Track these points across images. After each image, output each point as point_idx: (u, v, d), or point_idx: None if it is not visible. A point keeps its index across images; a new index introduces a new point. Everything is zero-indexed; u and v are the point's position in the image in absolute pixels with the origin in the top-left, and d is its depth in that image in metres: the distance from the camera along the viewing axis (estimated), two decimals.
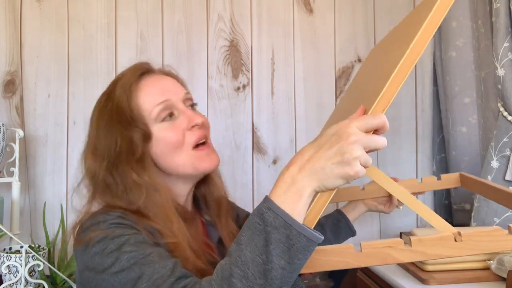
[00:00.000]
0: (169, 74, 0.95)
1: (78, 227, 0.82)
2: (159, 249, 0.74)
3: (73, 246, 0.80)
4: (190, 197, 0.95)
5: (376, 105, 0.60)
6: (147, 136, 0.85)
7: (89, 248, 0.75)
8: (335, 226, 1.20)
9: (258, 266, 0.59)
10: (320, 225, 1.19)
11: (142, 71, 0.91)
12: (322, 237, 0.62)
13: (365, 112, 0.63)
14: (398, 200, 1.16)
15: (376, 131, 0.61)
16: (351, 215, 1.21)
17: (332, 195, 0.62)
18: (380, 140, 0.60)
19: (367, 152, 0.60)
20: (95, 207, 0.86)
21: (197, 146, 0.88)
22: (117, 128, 0.84)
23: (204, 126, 0.90)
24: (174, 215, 0.83)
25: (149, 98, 0.87)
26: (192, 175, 0.89)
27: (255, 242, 0.60)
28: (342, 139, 0.59)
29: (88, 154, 0.87)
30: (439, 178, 1.12)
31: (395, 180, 1.16)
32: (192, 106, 0.93)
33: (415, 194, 1.17)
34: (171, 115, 0.87)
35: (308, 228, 0.61)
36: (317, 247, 0.66)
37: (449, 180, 1.12)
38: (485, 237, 0.65)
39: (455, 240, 0.65)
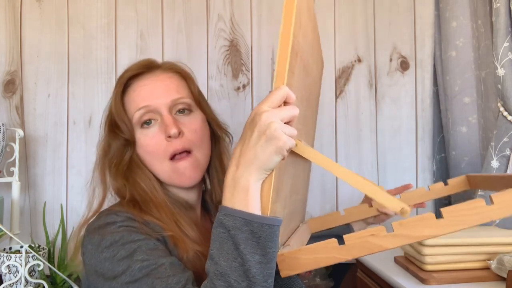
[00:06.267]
0: (172, 69, 0.92)
1: (85, 226, 0.81)
2: (172, 259, 0.73)
3: (81, 247, 0.79)
4: (197, 200, 0.94)
5: (276, 82, 0.65)
6: (130, 143, 0.87)
7: (98, 252, 0.73)
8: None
9: (237, 271, 0.61)
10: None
11: (140, 70, 0.90)
12: (281, 219, 0.64)
13: None
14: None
15: (286, 103, 0.65)
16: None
17: (274, 175, 0.63)
18: (291, 108, 0.64)
19: (290, 124, 0.63)
20: (105, 204, 0.88)
21: (175, 156, 0.85)
22: (109, 135, 0.89)
23: (184, 136, 0.85)
24: (165, 208, 0.84)
25: (134, 103, 0.87)
26: (172, 185, 0.88)
27: (225, 250, 0.62)
28: (257, 121, 0.62)
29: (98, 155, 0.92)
30: (446, 184, 1.09)
31: (408, 187, 1.15)
32: (184, 111, 0.88)
33: (418, 205, 1.14)
34: (150, 121, 0.86)
35: (266, 216, 0.63)
36: (301, 246, 0.68)
37: (457, 184, 1.09)
38: (466, 210, 0.65)
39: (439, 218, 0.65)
